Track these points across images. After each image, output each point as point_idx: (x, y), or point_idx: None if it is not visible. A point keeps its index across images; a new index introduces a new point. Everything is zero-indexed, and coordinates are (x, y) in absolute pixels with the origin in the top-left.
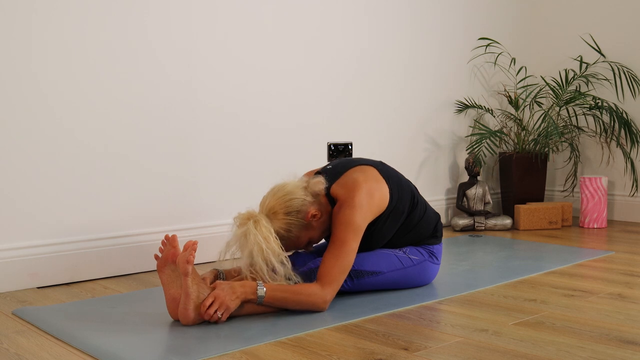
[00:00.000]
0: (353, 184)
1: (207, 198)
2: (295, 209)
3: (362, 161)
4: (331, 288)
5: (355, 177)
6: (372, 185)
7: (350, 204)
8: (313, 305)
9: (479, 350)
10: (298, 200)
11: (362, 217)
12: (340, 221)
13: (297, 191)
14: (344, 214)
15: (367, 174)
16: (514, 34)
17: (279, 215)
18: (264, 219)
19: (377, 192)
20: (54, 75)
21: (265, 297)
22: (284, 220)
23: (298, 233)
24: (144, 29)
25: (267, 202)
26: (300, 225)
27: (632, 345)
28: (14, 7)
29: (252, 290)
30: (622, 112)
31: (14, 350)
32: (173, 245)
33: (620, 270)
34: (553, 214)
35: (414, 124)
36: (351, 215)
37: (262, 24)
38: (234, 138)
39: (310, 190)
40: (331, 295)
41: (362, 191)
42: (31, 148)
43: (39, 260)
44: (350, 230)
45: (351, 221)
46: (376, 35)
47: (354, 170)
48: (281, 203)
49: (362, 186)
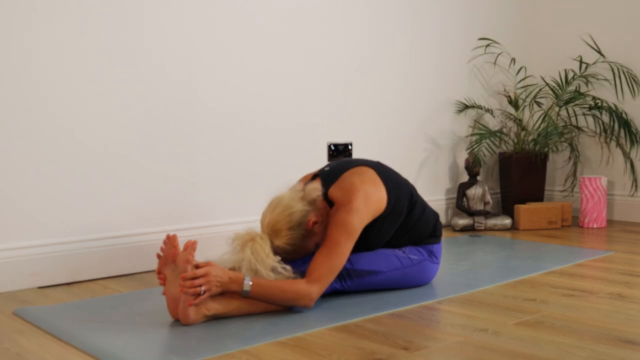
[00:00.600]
0: (350, 188)
1: (207, 198)
2: (297, 222)
3: (360, 162)
4: (318, 286)
5: (352, 180)
6: (369, 189)
7: (347, 208)
8: (298, 302)
9: (479, 350)
10: (298, 213)
11: (359, 221)
12: (335, 222)
13: (295, 204)
14: (340, 216)
15: (364, 177)
16: (514, 34)
17: (282, 232)
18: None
19: (374, 196)
20: (53, 76)
21: (251, 291)
22: (288, 236)
23: (302, 243)
24: (145, 28)
25: (267, 219)
26: (304, 236)
27: (632, 345)
28: (13, 7)
29: (238, 281)
30: (621, 112)
31: (14, 350)
32: (173, 244)
33: (620, 270)
34: (553, 214)
35: (414, 124)
36: (347, 218)
37: (262, 24)
38: (233, 138)
39: (307, 198)
40: (317, 293)
41: (360, 195)
42: (31, 148)
43: (39, 260)
44: (344, 231)
45: (347, 223)
46: (376, 35)
47: (352, 172)
48: (282, 219)
49: (360, 189)
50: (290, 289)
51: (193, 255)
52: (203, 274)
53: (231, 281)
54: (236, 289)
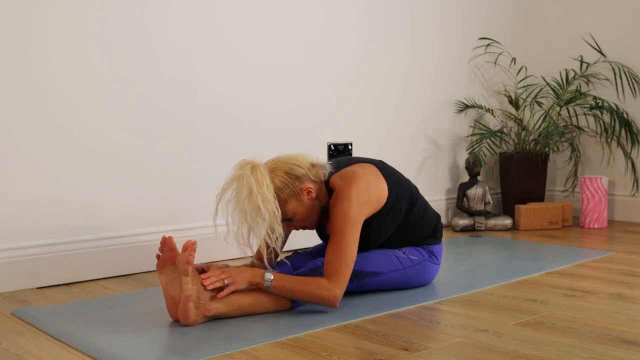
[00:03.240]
0: (352, 176)
1: (206, 198)
2: (296, 174)
3: (363, 159)
4: (339, 282)
5: (354, 170)
6: (370, 180)
7: (347, 195)
8: (322, 300)
9: (479, 351)
10: (301, 169)
11: (359, 210)
12: (337, 214)
13: (303, 162)
14: (340, 207)
15: (367, 170)
16: (514, 34)
17: (278, 172)
18: (263, 168)
19: (374, 187)
20: (53, 75)
21: (272, 283)
22: (281, 178)
23: (287, 198)
24: (144, 28)
25: (272, 159)
26: (293, 192)
27: (632, 345)
28: (13, 7)
29: (260, 275)
30: (622, 112)
31: (13, 350)
32: (170, 247)
33: (621, 270)
34: (553, 214)
35: (414, 124)
36: (348, 208)
37: (262, 24)
38: (234, 138)
39: (315, 170)
40: (341, 290)
41: (360, 183)
42: (31, 148)
43: (39, 260)
44: (347, 221)
45: (348, 213)
46: (376, 35)
47: (355, 165)
48: (284, 164)
49: (361, 179)
50: (312, 284)
51: (193, 255)
52: (222, 271)
53: (252, 274)
54: (259, 281)
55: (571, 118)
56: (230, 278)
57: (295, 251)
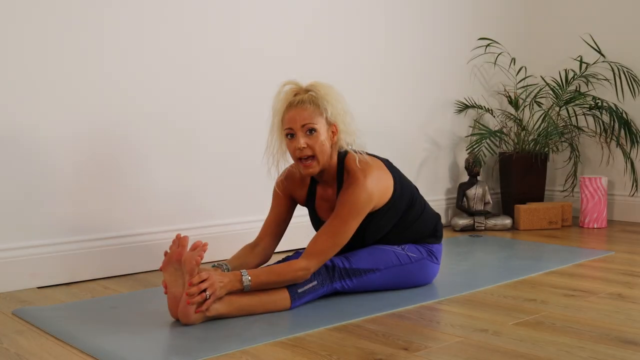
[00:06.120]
0: (367, 165)
1: (208, 198)
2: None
3: (371, 154)
4: (318, 259)
5: (368, 160)
6: (382, 173)
7: (361, 183)
8: (298, 279)
9: (479, 350)
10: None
11: (367, 200)
12: (347, 199)
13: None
14: (352, 192)
15: (378, 163)
16: (514, 34)
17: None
18: None
19: (384, 181)
20: (53, 75)
21: (252, 284)
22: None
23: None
24: (144, 27)
25: None
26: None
27: (632, 345)
28: (12, 7)
29: (237, 279)
30: (622, 112)
31: (14, 350)
32: (182, 244)
33: (620, 270)
34: (553, 214)
35: (414, 124)
36: (359, 195)
37: (262, 24)
38: (234, 138)
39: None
40: (315, 267)
41: (374, 174)
42: (31, 148)
43: (39, 260)
44: (353, 210)
45: (357, 201)
46: (376, 35)
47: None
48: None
49: (375, 170)
50: (289, 270)
51: (202, 256)
52: (207, 277)
53: (231, 281)
54: (238, 287)
55: (570, 118)
56: (211, 288)
57: (295, 251)
